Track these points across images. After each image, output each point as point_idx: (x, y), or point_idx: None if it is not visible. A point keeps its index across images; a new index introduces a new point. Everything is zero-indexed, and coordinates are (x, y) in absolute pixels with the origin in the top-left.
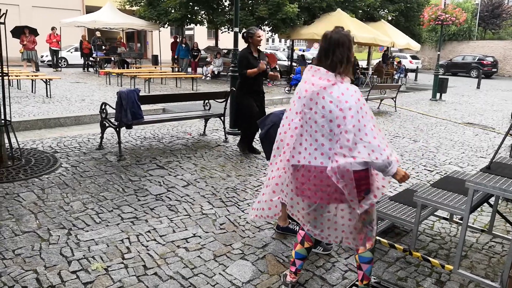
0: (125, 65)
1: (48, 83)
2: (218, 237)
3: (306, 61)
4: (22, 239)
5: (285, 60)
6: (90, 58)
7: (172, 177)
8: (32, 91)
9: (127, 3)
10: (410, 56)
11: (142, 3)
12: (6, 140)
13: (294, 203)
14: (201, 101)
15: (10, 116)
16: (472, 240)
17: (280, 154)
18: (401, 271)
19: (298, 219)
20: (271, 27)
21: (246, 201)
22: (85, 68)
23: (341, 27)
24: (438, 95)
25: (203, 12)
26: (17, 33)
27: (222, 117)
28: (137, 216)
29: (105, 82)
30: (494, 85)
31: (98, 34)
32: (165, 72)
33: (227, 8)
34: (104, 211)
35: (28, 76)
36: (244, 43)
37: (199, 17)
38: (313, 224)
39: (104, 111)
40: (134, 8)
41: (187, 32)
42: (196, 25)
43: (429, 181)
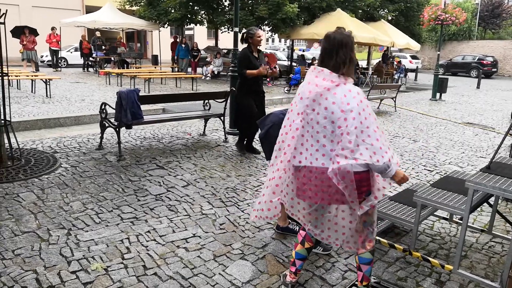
0: (125, 65)
1: (48, 83)
2: (218, 237)
3: (306, 61)
4: (22, 239)
5: (285, 60)
6: (90, 58)
7: (172, 177)
8: (32, 91)
9: (127, 3)
10: (410, 56)
11: (142, 3)
12: (6, 140)
13: (295, 203)
14: (201, 101)
15: (10, 116)
16: (472, 240)
17: (281, 155)
18: (401, 271)
19: (299, 219)
20: (271, 27)
21: (246, 201)
22: (85, 68)
23: (343, 28)
24: (438, 95)
25: (203, 12)
26: (17, 33)
27: (222, 117)
28: (137, 216)
29: (105, 82)
30: (494, 85)
31: (98, 34)
32: (165, 72)
33: (227, 8)
34: (104, 211)
35: (28, 76)
36: (243, 44)
37: (199, 17)
38: (314, 224)
39: (104, 111)
40: (134, 8)
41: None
42: (196, 25)
43: (429, 181)
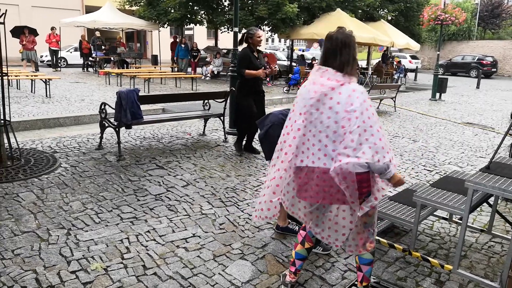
0: (125, 65)
1: (48, 83)
2: (218, 237)
3: (306, 61)
4: (22, 239)
5: (285, 60)
6: (90, 58)
7: (172, 177)
8: (32, 91)
9: (127, 3)
10: (410, 56)
11: (142, 3)
12: (6, 140)
13: (295, 202)
14: (201, 101)
15: (10, 116)
16: (472, 240)
17: (282, 155)
18: (401, 271)
19: (300, 217)
20: (271, 27)
21: (246, 201)
22: (85, 68)
23: (344, 28)
24: (438, 95)
25: (203, 12)
26: (17, 33)
27: (222, 117)
28: (137, 216)
29: (105, 82)
30: (494, 85)
31: (98, 34)
32: (165, 72)
33: (227, 8)
34: (104, 211)
35: (28, 76)
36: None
37: (199, 17)
38: (315, 223)
39: (104, 111)
40: (134, 8)
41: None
42: (196, 25)
43: (429, 181)
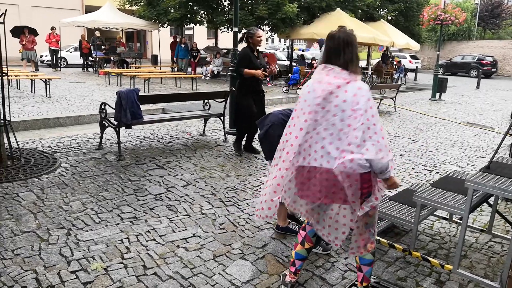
0: (125, 65)
1: (48, 83)
2: (218, 237)
3: (306, 61)
4: (22, 239)
5: (285, 60)
6: (90, 58)
7: (172, 177)
8: (32, 91)
9: (127, 3)
10: (410, 56)
11: (142, 3)
12: (6, 140)
13: (297, 198)
14: (201, 101)
15: (10, 116)
16: (472, 240)
17: (284, 154)
18: (401, 271)
19: (301, 213)
20: (271, 27)
21: (246, 201)
22: (85, 68)
23: (345, 27)
24: (438, 95)
25: (203, 12)
26: (17, 33)
27: (222, 117)
28: (137, 216)
29: (105, 82)
30: (494, 85)
31: (98, 34)
32: (165, 72)
33: (227, 8)
34: (104, 211)
35: (28, 76)
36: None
37: (199, 17)
38: (316, 219)
39: (104, 111)
40: (134, 8)
41: (187, 32)
42: (196, 25)
43: (429, 181)
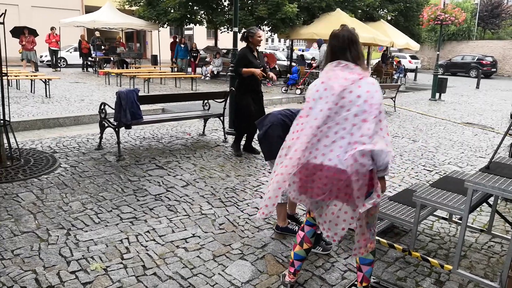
0: (125, 65)
1: (47, 83)
2: (217, 237)
3: (305, 61)
4: (21, 239)
5: (285, 60)
6: (89, 58)
7: (171, 177)
8: (31, 91)
9: (127, 3)
10: (410, 56)
11: (142, 3)
12: (5, 140)
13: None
14: (201, 101)
15: (9, 116)
16: (471, 240)
17: (290, 151)
18: (401, 271)
19: (306, 204)
20: (271, 27)
21: (245, 201)
22: (84, 68)
23: (346, 25)
24: (438, 95)
25: (203, 12)
26: (17, 33)
27: (221, 117)
28: (136, 216)
29: (104, 82)
30: (494, 85)
31: (98, 34)
32: (165, 72)
33: (227, 8)
34: (103, 211)
35: (27, 76)
36: (242, 44)
37: (199, 17)
38: (319, 213)
39: (103, 111)
40: (134, 8)
41: (187, 32)
42: (196, 25)
43: (428, 181)
